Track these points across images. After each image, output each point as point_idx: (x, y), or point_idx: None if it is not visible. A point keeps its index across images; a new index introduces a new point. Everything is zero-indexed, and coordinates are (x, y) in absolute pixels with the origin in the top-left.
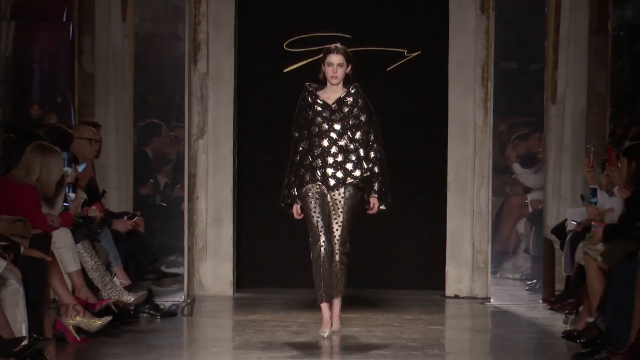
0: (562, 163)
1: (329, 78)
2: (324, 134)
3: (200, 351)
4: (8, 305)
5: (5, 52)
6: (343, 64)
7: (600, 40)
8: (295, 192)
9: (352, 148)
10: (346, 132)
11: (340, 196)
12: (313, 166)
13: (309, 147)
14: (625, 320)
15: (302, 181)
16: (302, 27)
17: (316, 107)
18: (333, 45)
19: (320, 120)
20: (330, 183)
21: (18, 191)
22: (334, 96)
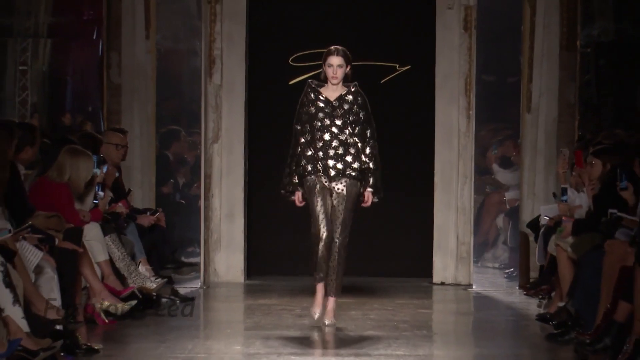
0: (536, 165)
1: (330, 78)
2: (326, 128)
3: (215, 332)
4: (44, 291)
5: (42, 67)
6: (342, 64)
7: (569, 56)
8: (296, 180)
9: (351, 142)
10: (347, 127)
11: (341, 186)
12: (315, 157)
13: (311, 139)
14: (592, 304)
15: (304, 171)
16: (305, 44)
17: (319, 103)
18: (333, 47)
19: (322, 115)
20: (331, 173)
21: (53, 190)
22: (335, 94)
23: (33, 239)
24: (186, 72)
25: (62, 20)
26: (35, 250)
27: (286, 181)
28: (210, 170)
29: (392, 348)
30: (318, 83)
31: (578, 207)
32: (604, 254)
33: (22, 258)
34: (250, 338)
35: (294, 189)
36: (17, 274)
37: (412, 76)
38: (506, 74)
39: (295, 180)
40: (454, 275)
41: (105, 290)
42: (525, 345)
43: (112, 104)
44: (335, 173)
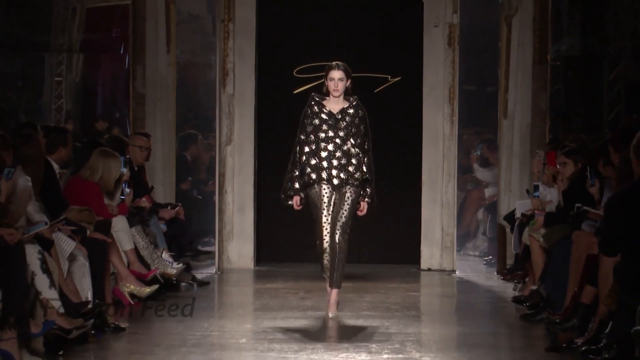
0: (512, 165)
1: (331, 91)
2: (329, 140)
3: (228, 313)
4: (76, 277)
5: (75, 78)
6: (343, 78)
7: (541, 69)
8: (297, 186)
9: (354, 152)
10: (349, 138)
11: (343, 194)
12: (319, 167)
13: (315, 149)
14: (561, 288)
15: (309, 179)
16: (307, 57)
17: (322, 115)
18: (334, 62)
19: (326, 127)
20: (335, 182)
21: (85, 187)
22: (337, 107)
23: (67, 230)
24: (202, 83)
25: (92, 37)
26: (69, 240)
27: (287, 186)
28: (224, 169)
29: (384, 326)
30: (320, 96)
31: (549, 202)
32: (572, 244)
33: (57, 247)
34: (259, 318)
35: (294, 194)
36: (52, 261)
37: (402, 86)
38: (485, 84)
39: (296, 186)
40: (439, 262)
41: (130, 275)
42: (502, 324)
43: (137, 111)
44: (339, 182)
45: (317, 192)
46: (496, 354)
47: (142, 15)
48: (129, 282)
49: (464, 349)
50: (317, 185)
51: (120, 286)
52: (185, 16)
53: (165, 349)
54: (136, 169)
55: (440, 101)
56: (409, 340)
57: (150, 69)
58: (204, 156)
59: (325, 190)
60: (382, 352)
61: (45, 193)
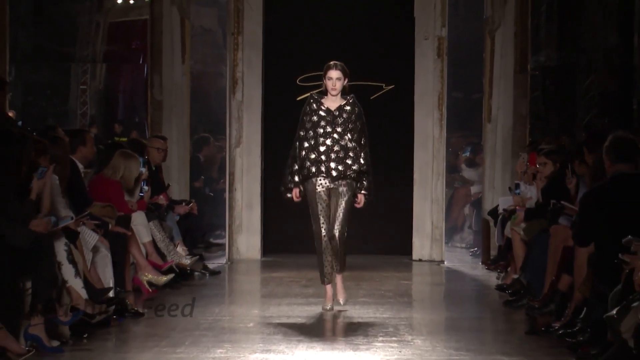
0: (495, 165)
1: (329, 90)
2: (327, 135)
3: (237, 299)
4: (99, 266)
5: (99, 86)
6: (340, 77)
7: (522, 78)
8: (296, 179)
9: (351, 147)
10: (346, 134)
11: (342, 187)
12: (318, 161)
13: (314, 144)
14: (540, 277)
15: (308, 172)
16: (309, 67)
17: (321, 112)
18: (332, 62)
19: (324, 123)
20: (333, 174)
21: (107, 185)
22: (335, 104)
23: (91, 224)
24: (214, 90)
25: (114, 48)
26: (92, 234)
27: (287, 179)
28: (234, 169)
29: (379, 312)
30: (319, 95)
31: (529, 198)
32: (549, 236)
33: (82, 240)
34: (265, 304)
35: (294, 187)
36: (78, 252)
37: (396, 93)
38: (471, 91)
39: (296, 179)
40: (429, 253)
41: (149, 265)
42: (486, 309)
43: (155, 116)
44: (337, 174)
45: (313, 187)
46: (481, 337)
47: (159, 29)
48: (147, 272)
49: (452, 332)
50: (315, 179)
51: (139, 275)
52: (198, 30)
53: (180, 332)
54: (154, 168)
55: (430, 107)
56: (402, 324)
57: (166, 78)
58: (215, 157)
59: (320, 184)
60: (377, 335)
61: (71, 190)
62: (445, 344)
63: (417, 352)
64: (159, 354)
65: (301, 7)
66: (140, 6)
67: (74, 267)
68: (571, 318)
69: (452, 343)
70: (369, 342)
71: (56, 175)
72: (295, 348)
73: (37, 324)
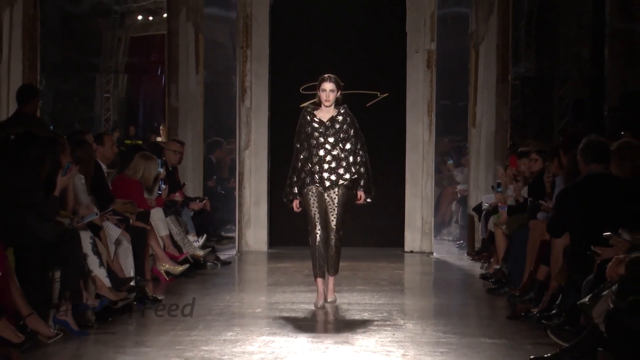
0: (479, 166)
1: (323, 101)
2: (320, 146)
3: (246, 287)
4: (121, 257)
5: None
6: (334, 89)
7: (503, 87)
8: (295, 190)
9: (342, 156)
10: (338, 143)
11: (334, 195)
12: (312, 171)
13: (308, 155)
14: (520, 267)
15: (303, 182)
16: (311, 77)
17: (314, 124)
18: (326, 75)
19: (317, 134)
20: (326, 184)
21: (128, 184)
22: (327, 115)
23: (114, 219)
24: (225, 98)
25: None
26: (115, 228)
27: (287, 191)
28: (243, 169)
29: (374, 298)
30: (313, 107)
31: (509, 196)
32: (529, 231)
33: (105, 233)
34: (271, 291)
35: (294, 198)
36: (102, 245)
37: (389, 101)
38: (457, 99)
39: (294, 191)
40: (420, 245)
41: (166, 256)
42: (471, 296)
43: (172, 121)
44: (329, 184)
45: (308, 193)
46: (466, 321)
47: (176, 43)
48: (164, 262)
49: (440, 317)
50: (309, 187)
51: (158, 265)
52: (211, 44)
53: (195, 317)
54: (171, 169)
55: (420, 113)
56: (395, 309)
57: (182, 87)
58: (226, 159)
59: (314, 191)
60: (373, 320)
61: (95, 189)
62: (434, 328)
63: (409, 335)
64: (175, 336)
65: (304, 24)
66: (159, 22)
67: (99, 258)
68: (548, 304)
69: (440, 327)
70: (365, 326)
71: (82, 175)
72: (298, 331)
73: (65, 310)
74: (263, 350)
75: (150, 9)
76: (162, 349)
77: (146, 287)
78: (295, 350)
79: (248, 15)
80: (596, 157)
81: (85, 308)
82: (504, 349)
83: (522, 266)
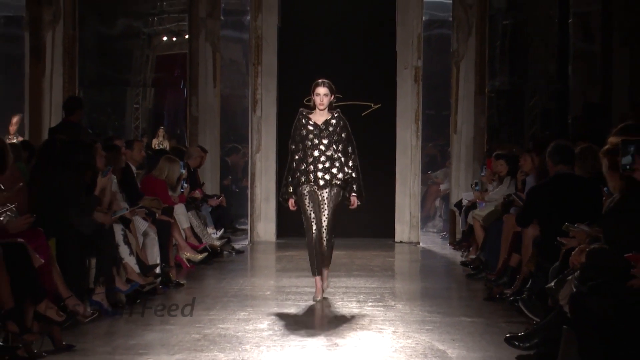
0: (460, 167)
1: (317, 105)
2: (315, 147)
3: (257, 272)
4: (148, 247)
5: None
6: (327, 94)
7: (481, 98)
8: (291, 190)
9: (336, 157)
10: (332, 145)
11: (327, 194)
12: (307, 171)
13: (303, 156)
14: (495, 255)
15: (298, 182)
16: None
17: (309, 126)
18: (320, 80)
19: (312, 136)
20: (320, 183)
21: (155, 183)
22: (322, 119)
23: (142, 214)
24: (239, 109)
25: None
26: (143, 221)
27: (283, 190)
28: (254, 170)
29: (369, 282)
30: (308, 110)
31: (486, 193)
32: (503, 223)
33: (135, 226)
34: (279, 277)
35: (289, 197)
36: (131, 236)
37: (382, 111)
38: (441, 109)
39: (290, 190)
40: (408, 236)
41: (187, 246)
42: (453, 281)
43: (192, 129)
44: (323, 183)
45: (303, 192)
46: (448, 302)
47: (196, 61)
48: (186, 251)
49: (426, 298)
50: (304, 186)
51: (180, 254)
52: (227, 61)
53: (212, 298)
54: (192, 170)
55: (408, 121)
56: (387, 292)
57: (201, 99)
58: (240, 161)
59: (309, 189)
60: (367, 301)
61: (126, 187)
62: (421, 308)
63: (399, 314)
64: (195, 315)
65: (307, 44)
66: (181, 42)
67: (129, 247)
68: (519, 287)
69: (426, 307)
70: (361, 306)
71: (114, 175)
72: (302, 311)
73: (100, 292)
74: (272, 327)
75: (174, 31)
76: (184, 327)
77: (170, 272)
78: (299, 327)
79: (259, 37)
80: (563, 159)
81: (117, 291)
82: (481, 327)
83: (497, 254)
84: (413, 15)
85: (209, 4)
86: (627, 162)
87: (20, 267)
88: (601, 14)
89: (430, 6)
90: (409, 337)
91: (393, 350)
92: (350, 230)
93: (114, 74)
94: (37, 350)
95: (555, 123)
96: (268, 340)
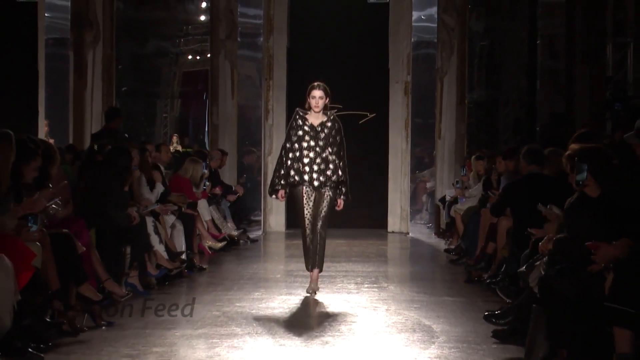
0: (444, 168)
1: (313, 107)
2: (310, 148)
3: (269, 258)
4: (175, 237)
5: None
6: (323, 96)
7: (462, 109)
8: (283, 182)
9: (331, 159)
10: (327, 147)
11: (322, 194)
12: (302, 171)
13: (299, 156)
14: (474, 244)
15: (293, 181)
16: None
17: (305, 127)
18: (316, 83)
19: (308, 137)
20: (315, 184)
21: (181, 181)
22: (317, 120)
23: (170, 208)
24: (254, 118)
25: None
26: (171, 215)
27: (275, 182)
28: (267, 170)
29: (365, 267)
30: (304, 111)
31: (466, 190)
32: (480, 216)
33: (163, 218)
34: (289, 262)
35: (280, 189)
36: (161, 227)
37: (377, 119)
38: (427, 118)
39: (282, 182)
40: (399, 227)
41: (209, 235)
42: (437, 265)
43: (213, 135)
44: (318, 184)
45: (300, 193)
46: (434, 284)
47: (217, 76)
48: (208, 240)
49: (415, 281)
50: (300, 187)
51: (203, 242)
52: (243, 77)
53: (231, 281)
54: (213, 170)
55: (399, 128)
56: (381, 275)
57: (221, 109)
58: (254, 162)
59: (306, 191)
60: (364, 283)
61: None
62: (410, 289)
63: (391, 294)
64: (216, 295)
65: (312, 61)
66: (204, 60)
67: (159, 237)
68: (495, 272)
69: (415, 288)
70: (358, 287)
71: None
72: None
73: (134, 276)
74: (282, 305)
75: (198, 50)
76: (206, 305)
77: (194, 258)
78: (306, 305)
79: (271, 55)
80: (535, 160)
81: (149, 275)
82: (462, 305)
83: (475, 243)
84: (403, 37)
85: (228, 27)
86: (581, 179)
87: (65, 254)
88: (565, 36)
89: (418, 29)
90: (400, 314)
91: (386, 326)
92: (349, 222)
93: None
94: (80, 325)
95: (526, 130)
96: (279, 315)
